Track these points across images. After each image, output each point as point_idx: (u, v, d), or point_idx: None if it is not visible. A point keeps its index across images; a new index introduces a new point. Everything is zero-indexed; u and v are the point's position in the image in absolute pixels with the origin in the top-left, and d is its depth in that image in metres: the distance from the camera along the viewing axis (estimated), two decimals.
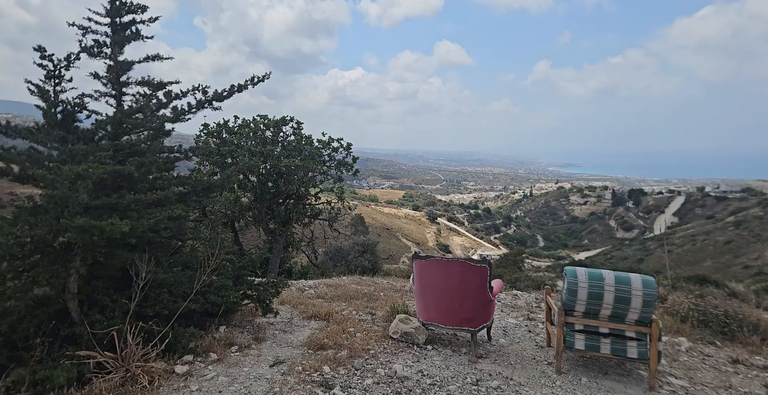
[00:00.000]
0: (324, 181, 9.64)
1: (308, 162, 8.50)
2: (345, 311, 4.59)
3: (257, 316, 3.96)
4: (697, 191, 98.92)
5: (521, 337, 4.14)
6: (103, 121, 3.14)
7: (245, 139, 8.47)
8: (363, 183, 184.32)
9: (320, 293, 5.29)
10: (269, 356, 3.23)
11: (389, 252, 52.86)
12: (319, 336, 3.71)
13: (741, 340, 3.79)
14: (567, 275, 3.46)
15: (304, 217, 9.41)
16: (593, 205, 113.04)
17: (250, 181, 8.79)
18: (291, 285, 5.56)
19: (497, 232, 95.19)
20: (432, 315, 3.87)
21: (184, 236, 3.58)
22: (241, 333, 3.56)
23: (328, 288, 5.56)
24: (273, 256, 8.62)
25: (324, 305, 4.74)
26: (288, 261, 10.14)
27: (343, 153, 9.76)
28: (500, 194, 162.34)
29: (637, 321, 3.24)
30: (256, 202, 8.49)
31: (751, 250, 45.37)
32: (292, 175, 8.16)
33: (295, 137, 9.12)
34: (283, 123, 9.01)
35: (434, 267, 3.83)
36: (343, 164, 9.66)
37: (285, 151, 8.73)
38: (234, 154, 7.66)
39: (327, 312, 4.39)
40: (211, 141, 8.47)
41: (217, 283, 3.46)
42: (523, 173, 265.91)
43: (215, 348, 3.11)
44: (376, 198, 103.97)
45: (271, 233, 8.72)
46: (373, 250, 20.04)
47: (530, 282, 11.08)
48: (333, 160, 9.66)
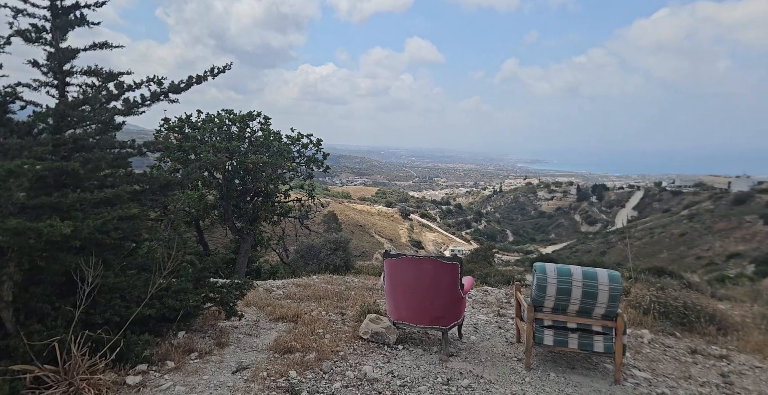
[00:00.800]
0: (294, 177, 9.37)
1: (276, 158, 8.23)
2: (314, 311, 4.46)
3: (220, 320, 3.77)
4: (655, 186, 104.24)
5: (492, 334, 4.15)
6: (42, 113, 2.87)
7: (209, 135, 8.08)
8: (336, 180, 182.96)
9: (289, 293, 5.13)
10: (232, 362, 3.07)
11: (362, 249, 52.77)
12: (287, 338, 3.57)
13: (699, 331, 3.94)
14: (536, 271, 3.48)
15: (273, 215, 9.13)
16: (559, 200, 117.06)
17: (216, 178, 8.43)
18: (258, 285, 5.36)
19: (468, 228, 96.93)
20: (403, 314, 3.81)
21: (139, 237, 3.35)
22: (203, 338, 3.37)
23: (298, 288, 5.41)
24: (240, 256, 8.31)
25: (292, 306, 4.59)
26: (256, 261, 9.83)
27: (313, 149, 9.52)
28: (471, 190, 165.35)
29: (603, 316, 3.29)
30: (221, 200, 8.15)
31: (703, 242, 48.27)
32: (259, 171, 7.87)
33: (263, 133, 8.79)
34: (250, 118, 8.67)
35: (405, 265, 3.77)
36: (313, 160, 9.42)
37: (252, 147, 8.40)
38: (197, 150, 7.29)
39: (295, 314, 4.25)
40: (173, 136, 8.03)
41: (175, 286, 3.26)
42: (493, 169, 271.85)
43: (173, 355, 2.92)
44: (349, 195, 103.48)
45: (238, 232, 8.40)
46: (345, 248, 19.86)
47: (500, 276, 11.27)
48: (302, 156, 9.41)
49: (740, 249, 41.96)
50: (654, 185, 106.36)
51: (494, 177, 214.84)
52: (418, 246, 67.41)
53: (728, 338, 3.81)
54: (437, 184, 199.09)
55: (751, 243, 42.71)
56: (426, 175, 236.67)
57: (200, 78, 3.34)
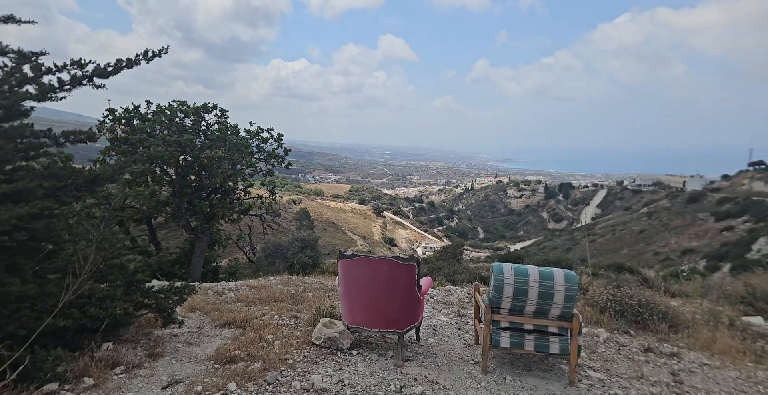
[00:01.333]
0: (254, 173, 8.98)
1: (233, 153, 7.82)
2: (266, 316, 4.20)
3: (158, 328, 3.46)
4: (617, 185, 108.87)
5: (450, 336, 4.03)
6: None
7: (159, 127, 7.55)
8: (308, 177, 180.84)
9: (241, 296, 4.84)
10: (164, 375, 2.79)
11: (334, 246, 52.34)
12: (231, 346, 3.31)
13: (652, 328, 3.97)
14: (494, 272, 3.38)
15: (231, 213, 8.71)
16: (528, 198, 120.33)
17: (167, 173, 7.91)
18: (208, 288, 5.04)
19: (441, 225, 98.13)
20: (357, 317, 3.63)
21: (58, 238, 2.99)
22: (133, 349, 3.06)
23: (251, 290, 5.12)
24: (195, 256, 7.88)
25: (242, 310, 4.32)
26: (214, 261, 9.39)
27: (274, 144, 9.14)
28: (444, 188, 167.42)
29: (559, 317, 3.23)
30: (174, 197, 7.67)
31: (660, 238, 50.76)
32: (215, 167, 7.45)
33: (219, 126, 8.33)
34: (205, 110, 8.17)
35: (360, 267, 3.58)
36: (274, 156, 9.05)
37: (208, 141, 7.94)
38: (146, 143, 6.78)
39: (244, 318, 3.99)
40: (119, 128, 7.46)
41: (101, 293, 2.94)
42: (465, 168, 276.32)
43: (92, 370, 2.61)
44: (321, 192, 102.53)
45: (192, 231, 7.95)
46: (314, 246, 19.48)
47: (467, 274, 11.31)
48: (262, 151, 9.01)
49: (693, 245, 44.39)
50: (616, 184, 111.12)
51: (466, 175, 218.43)
52: (391, 243, 67.65)
53: (679, 335, 3.85)
54: (410, 182, 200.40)
55: (703, 239, 45.25)
56: (399, 172, 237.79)
57: (131, 62, 3.01)
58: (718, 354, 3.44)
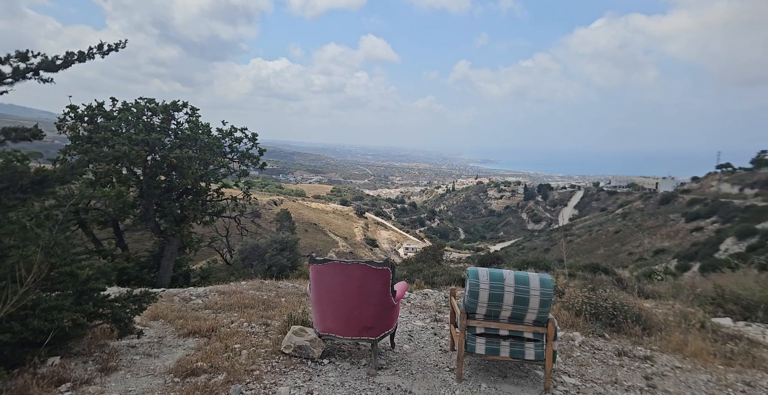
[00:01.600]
0: (227, 174, 8.69)
1: (204, 153, 7.52)
2: (235, 323, 4.02)
3: (114, 339, 3.24)
4: (593, 186, 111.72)
5: (426, 341, 3.94)
6: None
7: (126, 126, 7.17)
8: (290, 177, 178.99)
9: (209, 302, 4.63)
10: (116, 391, 2.59)
11: (315, 247, 51.83)
12: (193, 357, 3.13)
13: (626, 331, 3.97)
14: (469, 276, 3.30)
15: (204, 215, 8.40)
16: (508, 199, 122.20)
17: (134, 173, 7.53)
18: (174, 294, 4.81)
19: (422, 226, 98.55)
20: (329, 325, 3.49)
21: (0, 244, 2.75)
22: (83, 363, 2.84)
23: (221, 295, 4.91)
24: (165, 260, 7.54)
25: (210, 317, 4.12)
26: (185, 264, 9.05)
27: (248, 144, 8.86)
28: (425, 189, 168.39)
29: (535, 322, 3.17)
30: (141, 198, 7.31)
31: (634, 239, 52.24)
32: (185, 167, 7.14)
33: (190, 125, 7.99)
34: (175, 108, 7.82)
35: (332, 272, 3.45)
36: (248, 156, 8.78)
37: (178, 140, 7.61)
38: (110, 142, 6.41)
39: (211, 326, 3.79)
40: (81, 126, 7.06)
41: (47, 303, 2.71)
42: (447, 169, 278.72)
43: (33, 389, 2.40)
44: (303, 193, 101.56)
45: (161, 233, 7.61)
46: (293, 247, 19.18)
47: (447, 276, 11.30)
48: (235, 151, 8.72)
49: (665, 245, 45.84)
50: (593, 185, 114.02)
51: (447, 176, 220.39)
52: (373, 244, 67.53)
53: (652, 338, 3.86)
54: (392, 183, 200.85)
55: (675, 239, 46.79)
56: (381, 173, 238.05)
57: (83, 55, 2.80)
58: (689, 357, 3.46)
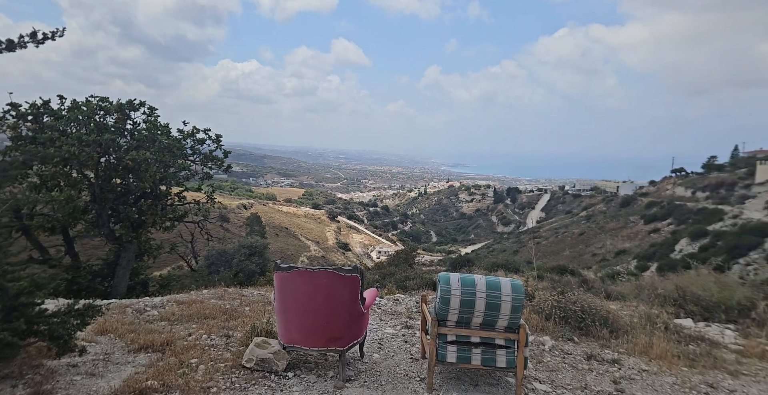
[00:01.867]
0: (189, 177, 8.25)
1: (163, 155, 7.09)
2: (193, 335, 3.76)
3: (51, 358, 2.93)
4: (559, 189, 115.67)
5: (396, 350, 3.82)
6: None
7: (75, 125, 6.65)
8: (260, 181, 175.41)
9: (166, 313, 4.33)
10: None
11: (286, 252, 50.83)
12: (143, 375, 2.87)
13: (594, 334, 4.00)
14: (440, 282, 3.21)
15: (164, 220, 7.93)
16: (478, 202, 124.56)
17: (86, 176, 6.98)
18: (127, 305, 4.47)
19: (395, 229, 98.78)
20: (294, 336, 3.31)
21: None
22: (13, 387, 2.54)
23: (179, 306, 4.61)
24: (120, 268, 7.04)
25: (165, 330, 3.84)
26: (143, 272, 8.53)
27: (212, 145, 8.47)
28: (398, 192, 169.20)
29: (506, 328, 3.12)
30: (94, 203, 6.79)
31: (598, 240, 54.33)
32: (143, 170, 6.69)
33: (148, 125, 7.52)
34: (132, 108, 7.33)
35: (297, 280, 3.27)
36: (211, 158, 8.38)
37: (134, 141, 7.13)
38: (57, 142, 5.91)
39: (166, 340, 3.52)
40: (24, 126, 6.50)
41: None
42: (419, 172, 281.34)
43: None
44: (274, 196, 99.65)
45: (116, 240, 7.11)
46: (262, 252, 18.62)
47: (419, 279, 11.25)
48: (198, 153, 8.30)
49: (626, 246, 47.92)
50: (559, 189, 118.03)
51: (420, 179, 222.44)
52: (345, 248, 67.02)
53: (619, 341, 3.90)
54: (365, 186, 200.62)
55: (634, 240, 49.00)
56: (354, 176, 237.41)
57: (12, 44, 2.52)
58: (655, 359, 3.51)
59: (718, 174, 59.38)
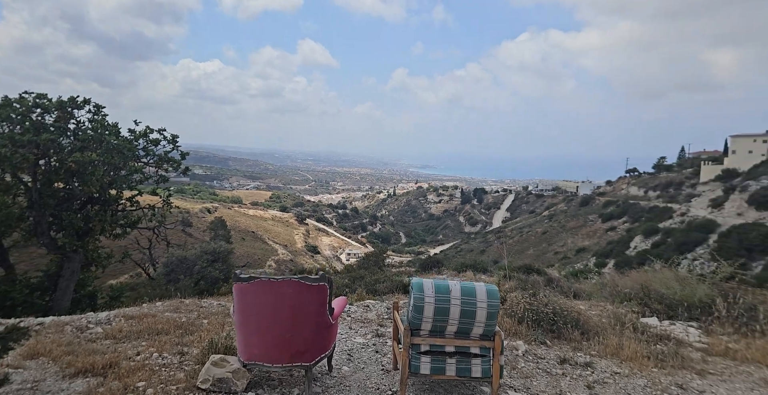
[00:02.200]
0: (143, 180, 7.65)
1: (112, 157, 6.50)
2: (141, 355, 3.40)
3: None
4: (523, 190, 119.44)
5: (367, 361, 3.62)
6: None
7: (8, 125, 5.94)
8: (225, 184, 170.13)
9: (112, 330, 3.92)
10: None
11: (253, 256, 49.39)
12: None
13: (566, 336, 3.98)
14: (413, 289, 3.05)
15: (114, 227, 7.30)
16: (446, 203, 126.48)
17: (21, 180, 6.28)
18: (66, 323, 4.02)
19: (364, 231, 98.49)
20: (255, 352, 3.04)
21: None
22: None
23: (128, 321, 4.20)
24: (63, 280, 6.40)
25: (109, 350, 3.46)
26: (90, 284, 7.83)
27: (168, 146, 7.90)
28: (367, 194, 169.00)
29: (481, 336, 3.00)
30: (31, 210, 6.12)
31: (559, 239, 56.36)
32: (89, 173, 6.07)
33: (93, 125, 6.87)
34: (74, 105, 6.65)
35: (259, 291, 3.02)
36: (167, 160, 7.81)
37: (78, 142, 6.49)
38: None
39: (109, 362, 3.16)
40: None
41: None
42: (388, 174, 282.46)
43: None
44: (239, 199, 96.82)
45: (58, 250, 6.45)
46: (225, 258, 17.87)
47: (389, 282, 11.10)
48: (152, 155, 7.72)
49: (586, 244, 49.97)
50: (522, 189, 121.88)
51: (389, 181, 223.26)
52: (314, 251, 66.09)
53: (591, 342, 3.89)
54: (334, 188, 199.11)
55: (593, 238, 51.20)
56: (323, 178, 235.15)
57: None
58: (626, 361, 3.51)
59: (667, 174, 63.23)
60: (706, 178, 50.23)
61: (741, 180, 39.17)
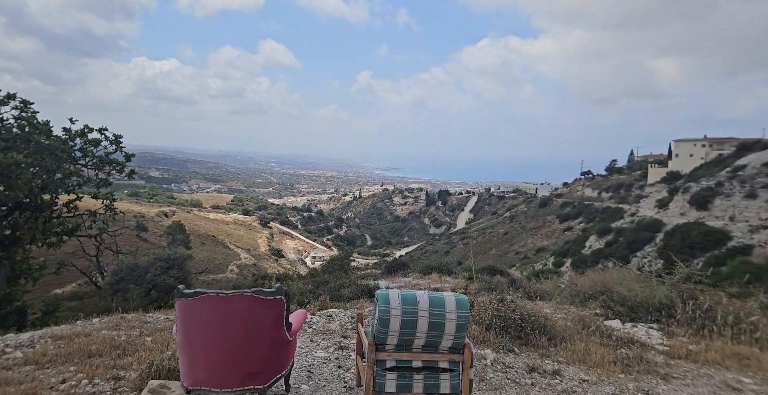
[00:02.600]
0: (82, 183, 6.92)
1: (43, 158, 5.80)
2: (69, 382, 2.97)
3: None
4: (486, 192, 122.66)
5: (329, 377, 3.37)
6: None
7: None
8: (184, 187, 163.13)
9: (35, 354, 3.43)
10: None
11: (214, 261, 47.44)
12: None
13: (534, 343, 3.90)
14: (378, 301, 2.83)
15: (48, 235, 6.55)
16: (411, 205, 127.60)
17: None
18: None
19: (330, 234, 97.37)
20: (201, 375, 2.71)
21: None
22: None
23: (56, 342, 3.70)
24: None
25: (28, 378, 3.00)
26: (19, 298, 7.00)
27: (110, 147, 7.21)
28: (332, 196, 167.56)
29: (450, 349, 2.83)
30: None
31: (520, 239, 58.17)
32: (15, 176, 5.37)
33: (20, 123, 6.10)
34: None
35: (206, 308, 2.70)
36: (108, 162, 7.12)
37: (2, 141, 5.74)
38: None
39: (26, 393, 2.72)
40: None
41: None
42: (353, 176, 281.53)
43: None
44: (199, 203, 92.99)
45: None
46: (181, 265, 16.90)
47: (355, 287, 10.84)
48: (91, 156, 7.00)
49: (545, 244, 51.86)
50: (485, 191, 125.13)
51: (354, 183, 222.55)
52: (278, 254, 64.59)
53: (558, 348, 3.84)
54: (299, 191, 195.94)
55: (552, 238, 53.22)
56: (287, 181, 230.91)
57: None
58: (593, 368, 3.47)
59: (618, 176, 66.95)
60: (652, 179, 53.58)
61: (683, 181, 42.02)
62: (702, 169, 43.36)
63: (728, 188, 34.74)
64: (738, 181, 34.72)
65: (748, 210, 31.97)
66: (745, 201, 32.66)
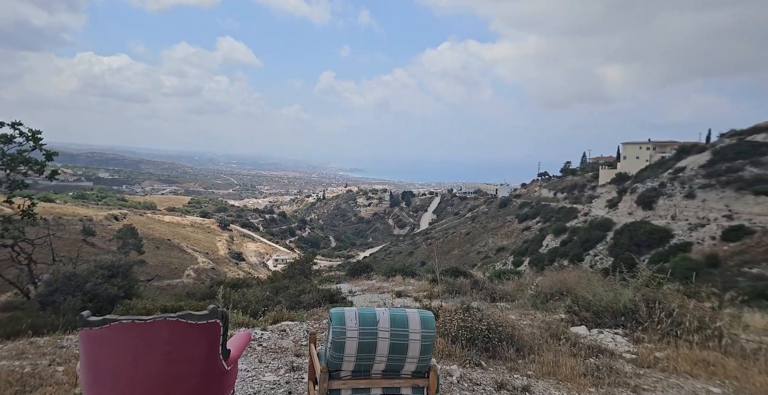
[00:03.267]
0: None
1: None
2: None
3: None
4: (448, 192, 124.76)
5: None
6: None
7: None
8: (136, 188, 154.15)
9: None
10: None
11: (169, 266, 44.88)
12: None
13: (501, 355, 3.68)
14: (332, 322, 2.46)
15: None
16: (376, 206, 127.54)
17: None
18: None
19: (293, 236, 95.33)
20: None
21: None
22: None
23: None
24: None
25: None
26: None
27: (26, 144, 6.34)
28: (295, 198, 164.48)
29: (414, 373, 2.51)
30: None
31: (481, 239, 59.45)
32: None
33: None
34: None
35: (119, 339, 2.22)
36: (24, 161, 6.26)
37: None
38: None
39: None
40: None
41: None
42: (317, 177, 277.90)
43: None
44: (153, 205, 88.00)
45: None
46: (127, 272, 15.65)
47: (316, 293, 10.38)
48: (2, 154, 6.11)
49: (505, 243, 53.27)
50: (448, 192, 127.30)
51: (318, 184, 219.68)
52: (239, 258, 62.32)
53: (526, 360, 3.64)
54: (260, 192, 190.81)
55: (511, 238, 54.77)
56: (248, 182, 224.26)
57: None
58: (563, 381, 3.28)
59: (572, 177, 70.11)
60: (603, 180, 56.47)
61: (631, 183, 44.53)
62: (647, 170, 46.15)
63: (670, 189, 37.13)
64: (678, 182, 37.20)
65: (687, 209, 34.28)
66: (684, 201, 35.00)
